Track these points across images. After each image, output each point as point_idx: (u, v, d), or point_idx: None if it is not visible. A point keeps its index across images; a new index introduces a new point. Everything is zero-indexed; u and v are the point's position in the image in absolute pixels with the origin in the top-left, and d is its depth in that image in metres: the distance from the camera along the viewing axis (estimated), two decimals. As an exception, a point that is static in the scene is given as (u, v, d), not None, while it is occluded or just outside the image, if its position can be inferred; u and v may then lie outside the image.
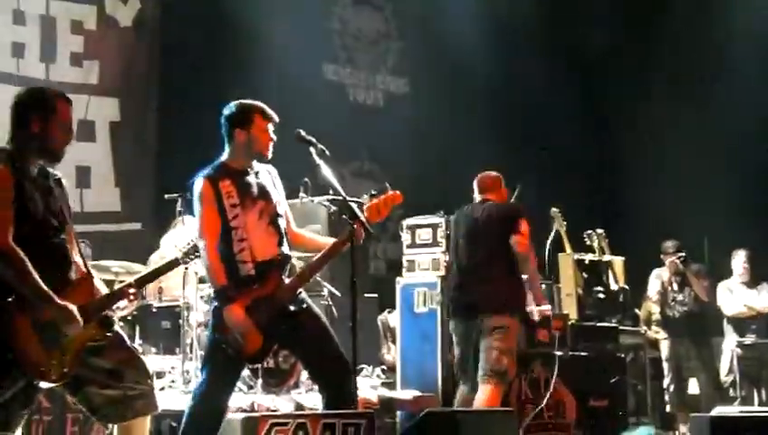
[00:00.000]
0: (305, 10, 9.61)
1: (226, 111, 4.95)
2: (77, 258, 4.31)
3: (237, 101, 4.97)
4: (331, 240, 4.98)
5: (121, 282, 4.63)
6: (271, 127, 4.92)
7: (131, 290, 4.43)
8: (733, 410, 5.46)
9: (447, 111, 9.32)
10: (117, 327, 4.39)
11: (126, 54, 9.59)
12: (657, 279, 9.56)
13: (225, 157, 4.94)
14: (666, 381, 9.34)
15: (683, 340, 9.39)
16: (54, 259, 4.18)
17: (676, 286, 9.57)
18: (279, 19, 9.29)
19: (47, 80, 8.90)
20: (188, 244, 4.75)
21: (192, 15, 9.35)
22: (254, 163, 4.95)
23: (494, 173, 7.01)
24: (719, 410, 5.46)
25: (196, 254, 4.74)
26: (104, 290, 4.39)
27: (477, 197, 6.99)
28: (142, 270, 5.30)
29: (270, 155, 4.95)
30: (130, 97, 9.58)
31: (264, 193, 4.89)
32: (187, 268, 6.57)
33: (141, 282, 4.60)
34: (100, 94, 9.44)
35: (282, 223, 4.93)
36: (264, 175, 4.96)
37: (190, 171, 4.98)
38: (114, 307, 4.39)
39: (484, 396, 6.44)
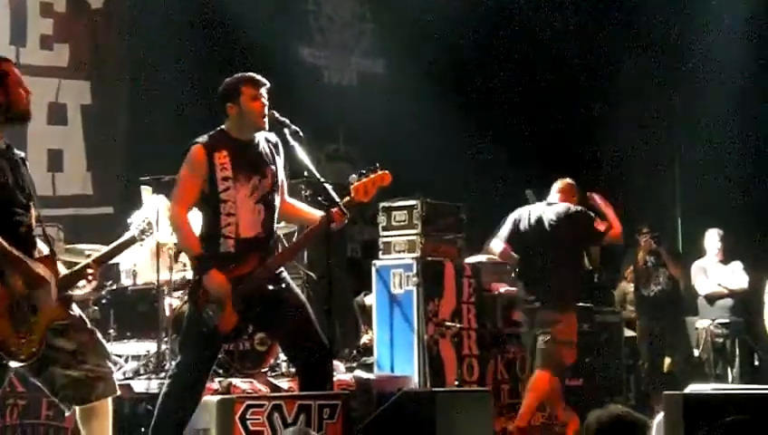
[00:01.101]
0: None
1: (219, 90, 4.91)
2: (39, 239, 4.31)
3: (229, 78, 4.92)
4: (319, 213, 4.92)
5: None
6: (263, 92, 4.86)
7: (90, 270, 4.43)
8: (706, 387, 5.48)
9: (423, 92, 9.29)
10: (77, 309, 4.38)
11: (97, 37, 9.49)
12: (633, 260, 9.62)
13: (224, 125, 4.90)
14: (641, 360, 9.41)
15: (658, 319, 9.46)
16: (18, 234, 4.17)
17: (650, 266, 9.63)
18: (254, 1, 9.23)
19: (18, 63, 8.76)
20: (143, 221, 4.72)
21: (165, -3, 9.28)
22: (255, 135, 4.89)
23: (570, 180, 7.39)
24: (692, 388, 5.47)
25: (151, 231, 4.72)
26: (64, 272, 4.38)
27: (551, 198, 7.32)
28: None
29: (266, 123, 4.86)
30: (102, 80, 9.48)
31: (259, 168, 4.82)
32: (165, 250, 6.57)
33: (99, 261, 4.57)
34: (70, 77, 9.34)
35: (274, 199, 4.86)
36: (264, 146, 4.90)
37: (162, 155, 4.95)
38: (74, 287, 4.39)
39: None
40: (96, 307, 6.96)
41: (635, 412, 3.61)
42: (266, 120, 4.85)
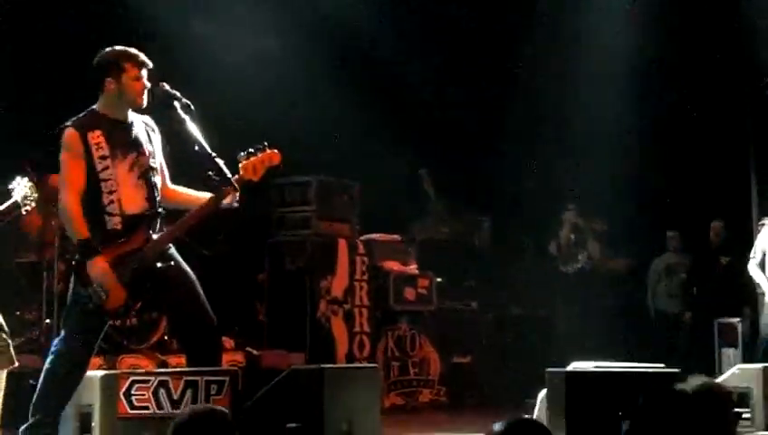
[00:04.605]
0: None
1: (97, 59, 4.78)
2: None
3: (109, 49, 4.79)
4: (206, 195, 4.87)
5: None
6: (144, 73, 4.78)
7: None
8: (588, 365, 5.64)
9: (317, 70, 9.26)
10: None
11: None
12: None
13: (97, 105, 4.77)
14: None
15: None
16: None
17: (573, 243, 9.77)
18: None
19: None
20: (26, 186, 4.60)
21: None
22: (130, 113, 4.81)
23: None
24: (575, 366, 5.62)
25: (34, 196, 4.60)
26: None
27: None
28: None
29: (144, 103, 4.78)
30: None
31: (136, 145, 4.75)
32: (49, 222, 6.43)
33: None
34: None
35: (154, 177, 4.79)
36: (139, 126, 4.81)
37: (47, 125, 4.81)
38: None
39: None
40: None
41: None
42: (145, 99, 4.79)
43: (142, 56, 4.74)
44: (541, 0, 10.52)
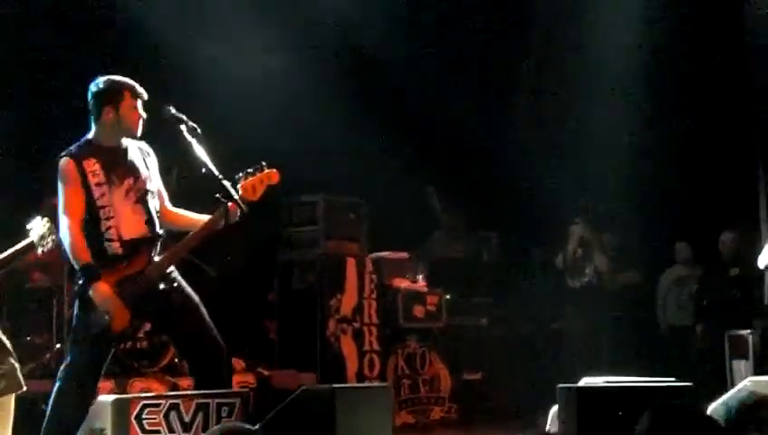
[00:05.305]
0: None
1: (94, 88, 4.82)
2: None
3: (106, 78, 4.84)
4: (205, 217, 4.91)
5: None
6: (140, 104, 4.83)
7: None
8: (599, 380, 5.61)
9: (324, 87, 9.27)
10: None
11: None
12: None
13: (91, 134, 4.82)
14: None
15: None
16: None
17: (580, 257, 9.74)
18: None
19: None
20: (43, 226, 4.62)
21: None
22: (124, 140, 4.85)
23: None
24: (586, 381, 5.60)
25: (52, 237, 4.62)
26: None
27: None
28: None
29: (139, 133, 4.85)
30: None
31: (132, 170, 4.80)
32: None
33: None
34: None
35: (152, 200, 4.84)
36: (134, 151, 4.86)
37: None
38: None
39: None
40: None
41: None
42: (140, 129, 4.83)
43: (139, 87, 4.82)
44: (542, 9, 10.53)
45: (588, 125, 10.06)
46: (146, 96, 4.84)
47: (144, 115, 4.83)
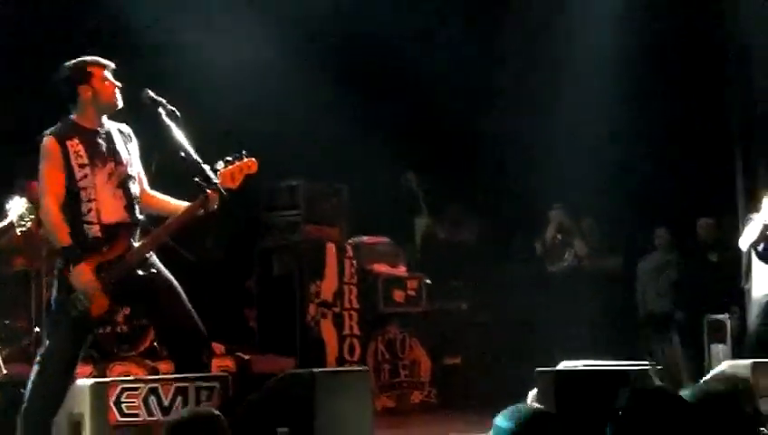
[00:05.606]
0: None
1: (62, 74, 4.81)
2: None
3: (68, 62, 4.83)
4: (185, 204, 4.90)
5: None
6: (110, 74, 4.81)
7: None
8: (577, 363, 5.65)
9: (305, 73, 9.26)
10: None
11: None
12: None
13: (73, 115, 4.80)
14: None
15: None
16: None
17: (559, 242, 9.78)
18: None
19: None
20: (22, 206, 4.62)
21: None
22: (105, 122, 4.83)
23: None
24: (564, 365, 5.64)
25: (31, 217, 4.62)
26: None
27: None
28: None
29: (120, 103, 4.82)
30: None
31: (114, 153, 4.78)
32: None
33: None
34: None
35: (133, 185, 4.82)
36: (116, 134, 4.85)
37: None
38: None
39: None
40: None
41: None
42: (120, 99, 4.82)
43: (103, 59, 4.80)
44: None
45: (568, 112, 10.08)
46: (113, 65, 4.82)
47: (119, 84, 4.81)
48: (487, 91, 10.60)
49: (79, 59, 4.83)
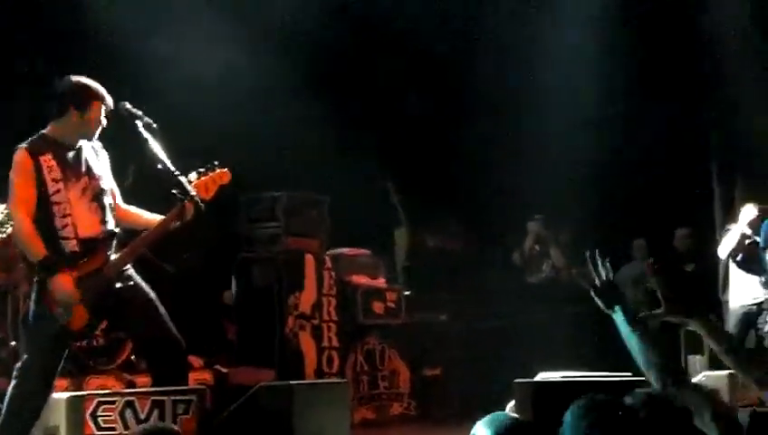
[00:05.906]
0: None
1: (66, 86, 4.81)
2: None
3: (81, 80, 4.82)
4: (158, 217, 4.91)
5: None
6: (104, 110, 4.83)
7: None
8: (555, 375, 5.67)
9: (285, 84, 9.25)
10: None
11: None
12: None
13: (48, 129, 4.79)
14: None
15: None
16: None
17: (537, 253, 9.80)
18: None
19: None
20: (1, 212, 4.61)
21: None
22: (79, 140, 4.84)
23: None
24: (543, 376, 5.65)
25: (11, 223, 4.61)
26: None
27: None
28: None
29: (95, 139, 4.86)
30: None
31: (88, 169, 4.80)
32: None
33: None
34: None
35: (106, 199, 4.82)
36: (88, 150, 4.86)
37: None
38: None
39: None
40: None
41: None
42: (96, 137, 4.85)
43: (109, 98, 4.81)
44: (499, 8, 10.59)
45: (546, 123, 10.12)
46: (112, 106, 4.84)
47: (105, 123, 4.83)
48: (468, 102, 10.64)
49: (90, 85, 4.82)
